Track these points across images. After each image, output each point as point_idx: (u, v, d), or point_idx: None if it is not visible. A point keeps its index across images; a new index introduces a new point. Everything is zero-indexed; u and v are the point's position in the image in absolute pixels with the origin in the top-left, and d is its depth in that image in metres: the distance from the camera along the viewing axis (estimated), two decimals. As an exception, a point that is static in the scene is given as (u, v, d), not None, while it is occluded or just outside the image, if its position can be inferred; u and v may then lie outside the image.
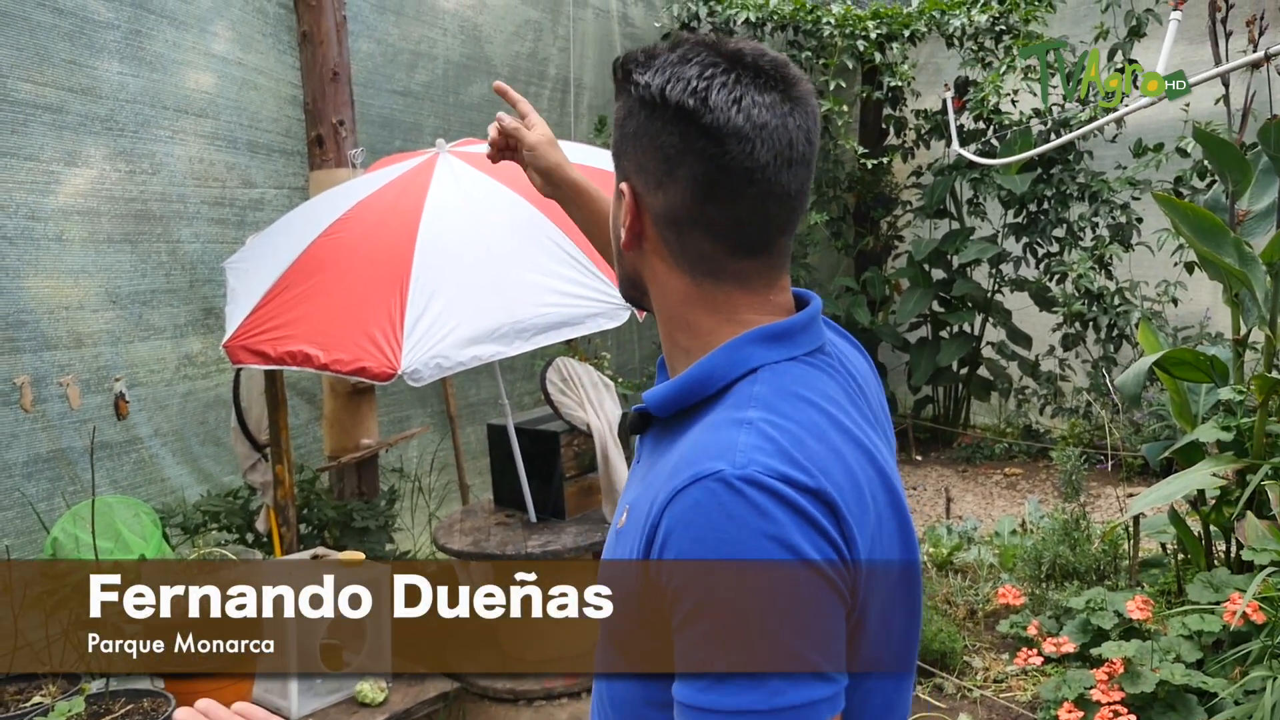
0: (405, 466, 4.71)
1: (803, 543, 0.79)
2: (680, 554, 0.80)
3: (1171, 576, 3.75)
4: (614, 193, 0.97)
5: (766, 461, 0.80)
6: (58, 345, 3.44)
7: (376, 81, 4.59)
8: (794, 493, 0.80)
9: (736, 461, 0.80)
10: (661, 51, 0.91)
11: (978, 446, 6.60)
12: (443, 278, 2.93)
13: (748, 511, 0.79)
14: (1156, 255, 5.89)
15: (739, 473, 0.80)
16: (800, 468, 0.81)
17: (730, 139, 0.87)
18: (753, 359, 0.90)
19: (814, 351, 0.94)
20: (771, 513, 0.79)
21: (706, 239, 0.91)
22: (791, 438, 0.83)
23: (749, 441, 0.82)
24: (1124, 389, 3.67)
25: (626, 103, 0.92)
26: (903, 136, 7.18)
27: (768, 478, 0.79)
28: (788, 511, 0.79)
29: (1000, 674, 3.55)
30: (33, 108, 3.31)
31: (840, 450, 0.86)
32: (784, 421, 0.84)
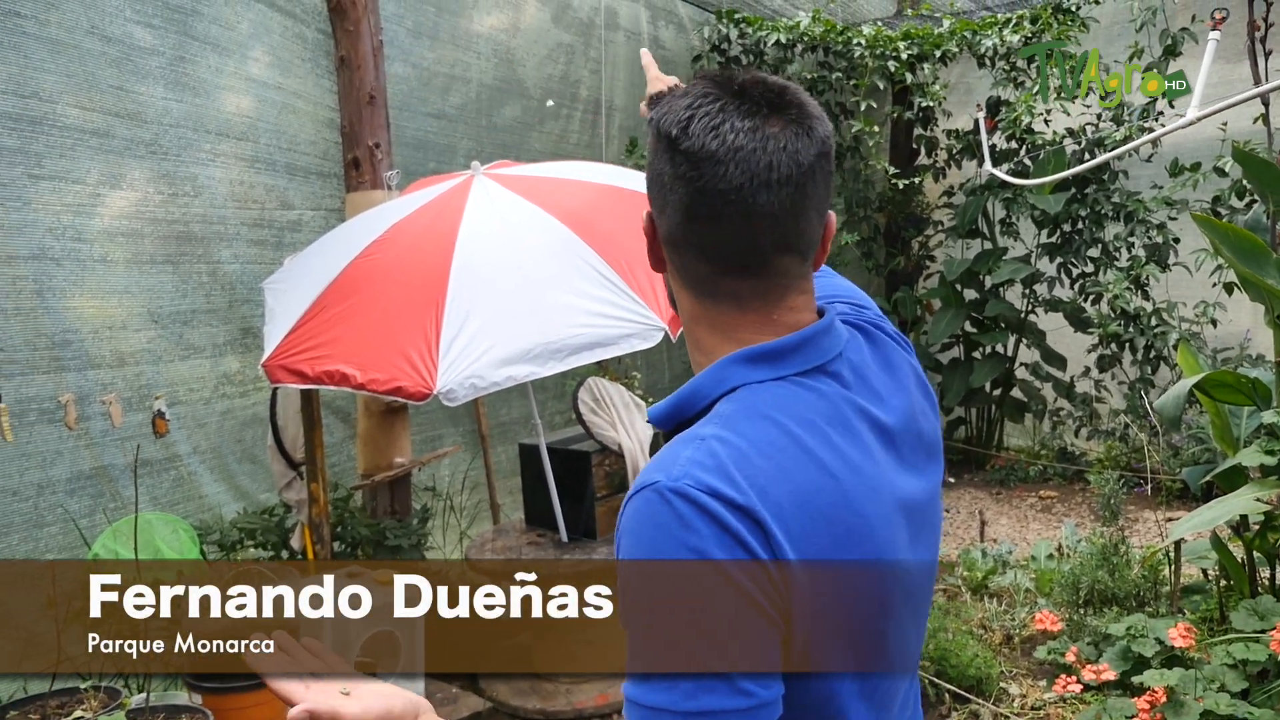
0: (437, 485, 4.74)
1: (720, 555, 0.84)
2: (621, 557, 0.87)
3: (1214, 603, 3.68)
4: None
5: (699, 475, 0.86)
6: (101, 364, 3.50)
7: (411, 104, 4.66)
8: (719, 506, 0.85)
9: (672, 474, 0.86)
10: (677, 90, 0.98)
11: (1011, 469, 6.52)
12: (477, 298, 2.95)
13: (672, 521, 0.85)
14: (1194, 275, 5.81)
15: (671, 485, 0.86)
16: (732, 484, 0.86)
17: (705, 163, 0.92)
18: (733, 379, 0.95)
19: (810, 371, 0.97)
20: (694, 524, 0.84)
21: (700, 260, 0.96)
22: (735, 454, 0.88)
23: (690, 456, 0.88)
24: (1163, 411, 3.62)
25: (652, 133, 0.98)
26: (934, 156, 7.16)
27: (696, 490, 0.85)
28: (710, 524, 0.84)
29: (1038, 701, 3.49)
30: (80, 132, 3.39)
31: (791, 469, 0.89)
32: (736, 439, 0.89)
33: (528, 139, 5.33)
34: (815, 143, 0.95)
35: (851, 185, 6.94)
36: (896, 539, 0.95)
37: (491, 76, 5.10)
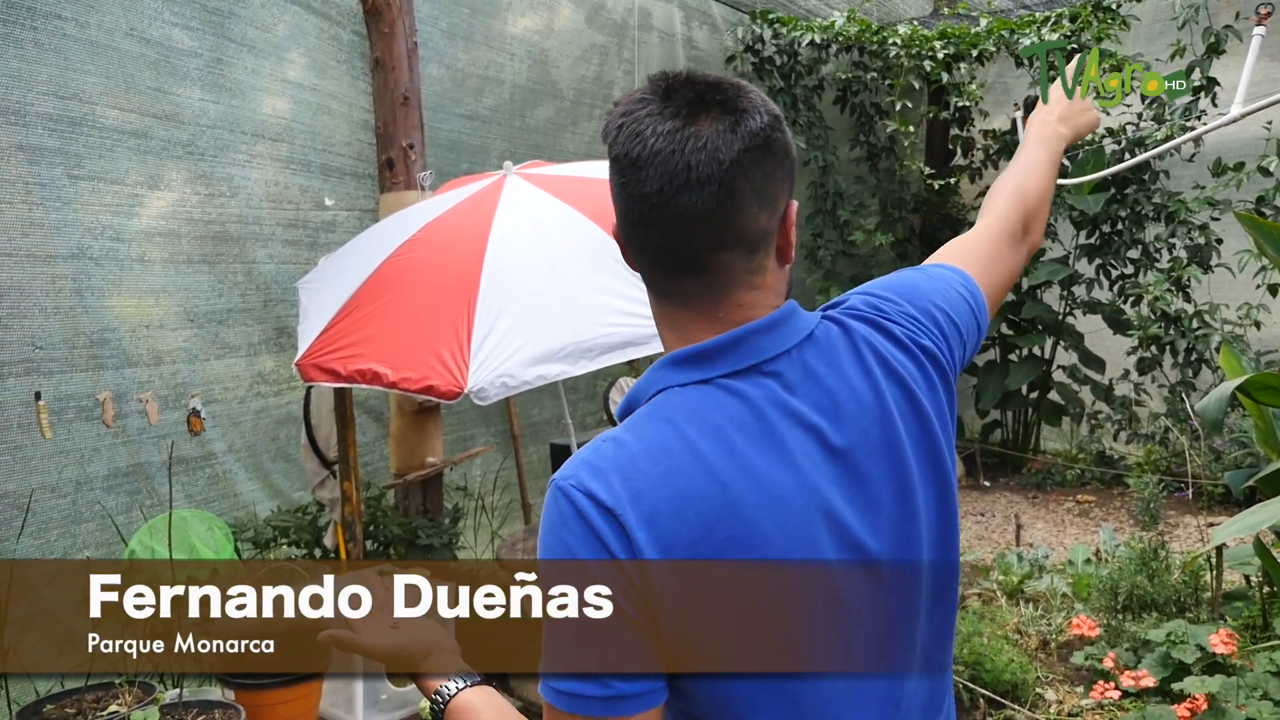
0: (469, 485, 4.76)
1: (580, 550, 0.91)
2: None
3: (1256, 610, 3.60)
4: None
5: (581, 476, 0.92)
6: (138, 362, 3.55)
7: (445, 106, 4.68)
8: (589, 505, 0.91)
9: (564, 473, 0.94)
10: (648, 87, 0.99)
11: (1048, 472, 6.42)
12: (509, 298, 2.96)
13: (556, 516, 0.92)
14: (1237, 277, 5.69)
15: (560, 482, 0.93)
16: (606, 486, 0.91)
17: (629, 169, 0.95)
18: (661, 381, 0.99)
19: (741, 372, 0.97)
20: (569, 522, 0.91)
21: (644, 261, 1.00)
22: (623, 457, 0.93)
23: (583, 456, 0.94)
24: (1205, 414, 3.54)
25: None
26: (970, 157, 7.08)
27: (575, 490, 0.91)
28: (580, 522, 0.91)
29: (1075, 708, 3.43)
30: (119, 133, 3.44)
31: (674, 475, 0.92)
32: (632, 441, 0.94)
33: (560, 140, 5.34)
34: (742, 136, 0.94)
35: (886, 186, 6.88)
36: (812, 542, 0.94)
37: (525, 78, 5.12)
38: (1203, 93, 5.72)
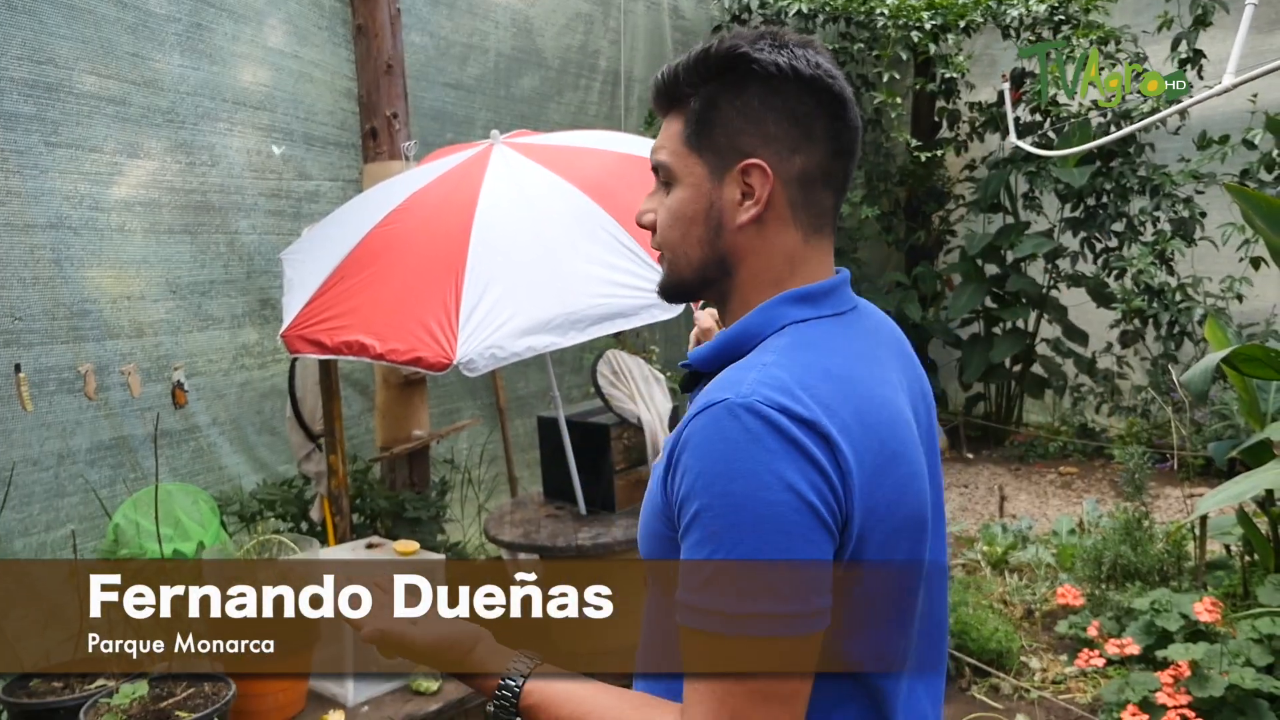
0: (456, 458, 4.74)
1: (788, 469, 0.88)
2: (686, 470, 0.91)
3: (1239, 579, 3.64)
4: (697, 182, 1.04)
5: (767, 393, 0.90)
6: (119, 334, 3.50)
7: (429, 74, 4.61)
8: (788, 422, 0.89)
9: (741, 392, 0.91)
10: (755, 37, 1.03)
11: (1031, 445, 6.47)
12: (497, 268, 2.93)
13: (740, 435, 0.89)
14: (1221, 250, 5.72)
15: (741, 401, 0.90)
16: (799, 401, 0.90)
17: (840, 103, 1.03)
18: (785, 317, 1.01)
19: (845, 312, 1.05)
20: (763, 438, 0.88)
21: (829, 193, 1.04)
22: (796, 377, 0.93)
23: (755, 378, 0.92)
24: (1190, 385, 3.56)
25: (737, 83, 1.01)
26: (956, 129, 7.06)
27: (765, 406, 0.89)
28: (778, 438, 0.89)
29: (1059, 675, 3.47)
30: (96, 100, 3.37)
31: (849, 394, 0.94)
32: (794, 365, 0.94)
33: (546, 110, 5.28)
34: None
35: (872, 158, 6.86)
36: (924, 475, 1.00)
37: (510, 46, 5.05)
38: (1189, 64, 5.72)
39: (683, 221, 1.05)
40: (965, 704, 3.36)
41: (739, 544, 0.87)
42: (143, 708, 2.22)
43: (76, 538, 3.16)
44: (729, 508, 0.88)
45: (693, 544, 0.90)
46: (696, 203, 1.04)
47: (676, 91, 1.05)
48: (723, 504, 0.88)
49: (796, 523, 0.88)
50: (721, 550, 0.88)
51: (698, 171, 1.03)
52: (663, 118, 1.08)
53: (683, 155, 1.04)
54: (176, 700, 2.25)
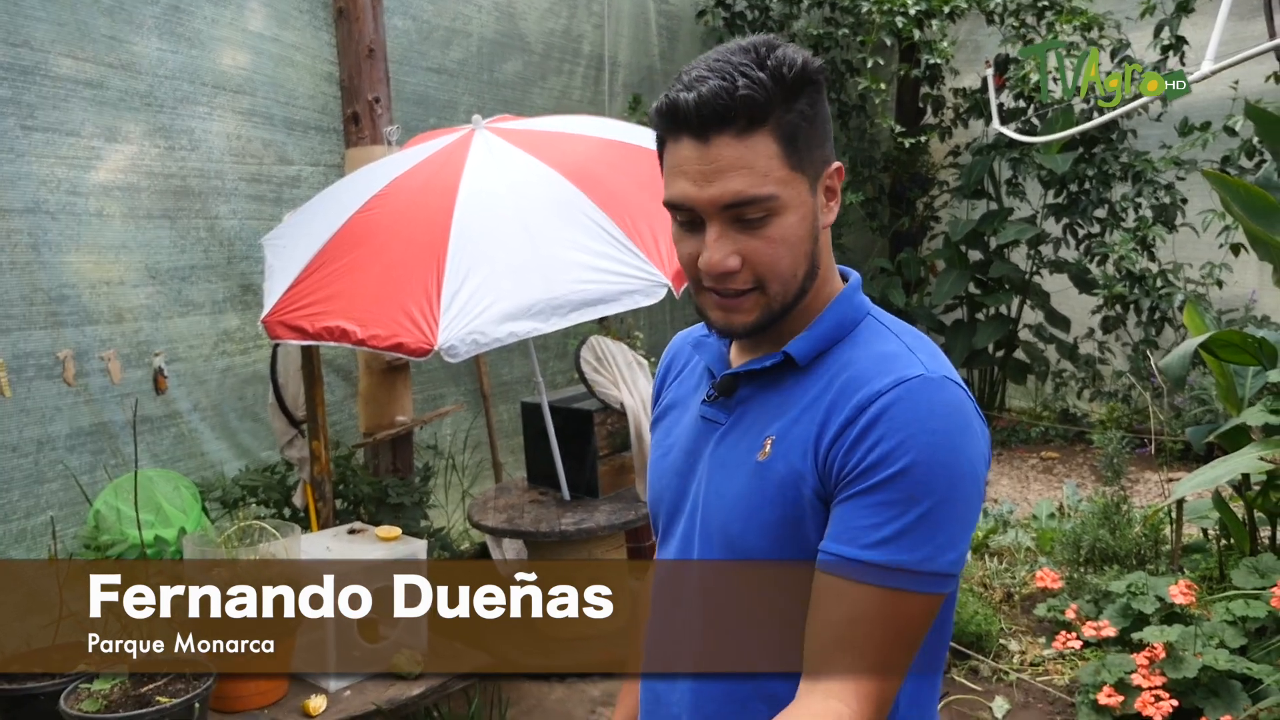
0: (439, 444, 4.73)
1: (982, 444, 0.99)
2: (890, 433, 0.95)
3: (1214, 562, 3.69)
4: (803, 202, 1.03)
5: (951, 374, 1.00)
6: (99, 320, 3.47)
7: (411, 59, 4.58)
8: (971, 403, 1.00)
9: (931, 369, 0.99)
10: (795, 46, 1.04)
11: (1013, 430, 6.52)
12: (479, 254, 2.92)
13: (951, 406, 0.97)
14: (1201, 237, 5.76)
15: (938, 377, 0.98)
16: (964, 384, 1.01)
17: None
18: (864, 306, 1.10)
19: None
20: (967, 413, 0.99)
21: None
22: (943, 362, 1.02)
23: (925, 361, 1.00)
24: (1169, 371, 3.60)
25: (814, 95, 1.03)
26: (940, 115, 7.07)
27: (957, 386, 0.99)
28: (974, 415, 1.00)
29: (1037, 657, 3.51)
30: (73, 83, 3.34)
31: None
32: (928, 351, 1.03)
33: (530, 95, 5.26)
34: None
35: (857, 144, 6.86)
36: None
37: (493, 30, 5.02)
38: (1171, 51, 5.74)
39: (796, 248, 1.02)
40: (945, 686, 3.40)
41: (944, 503, 0.94)
42: (123, 693, 2.22)
43: (57, 524, 3.14)
44: (943, 469, 0.94)
45: (881, 502, 0.94)
46: (805, 222, 1.03)
47: (771, 106, 0.98)
48: (937, 466, 0.94)
49: (979, 495, 0.99)
50: (921, 508, 0.93)
51: (803, 191, 1.02)
52: (734, 142, 0.99)
53: (789, 179, 1.00)
54: (157, 686, 2.25)
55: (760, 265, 1.01)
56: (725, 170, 0.98)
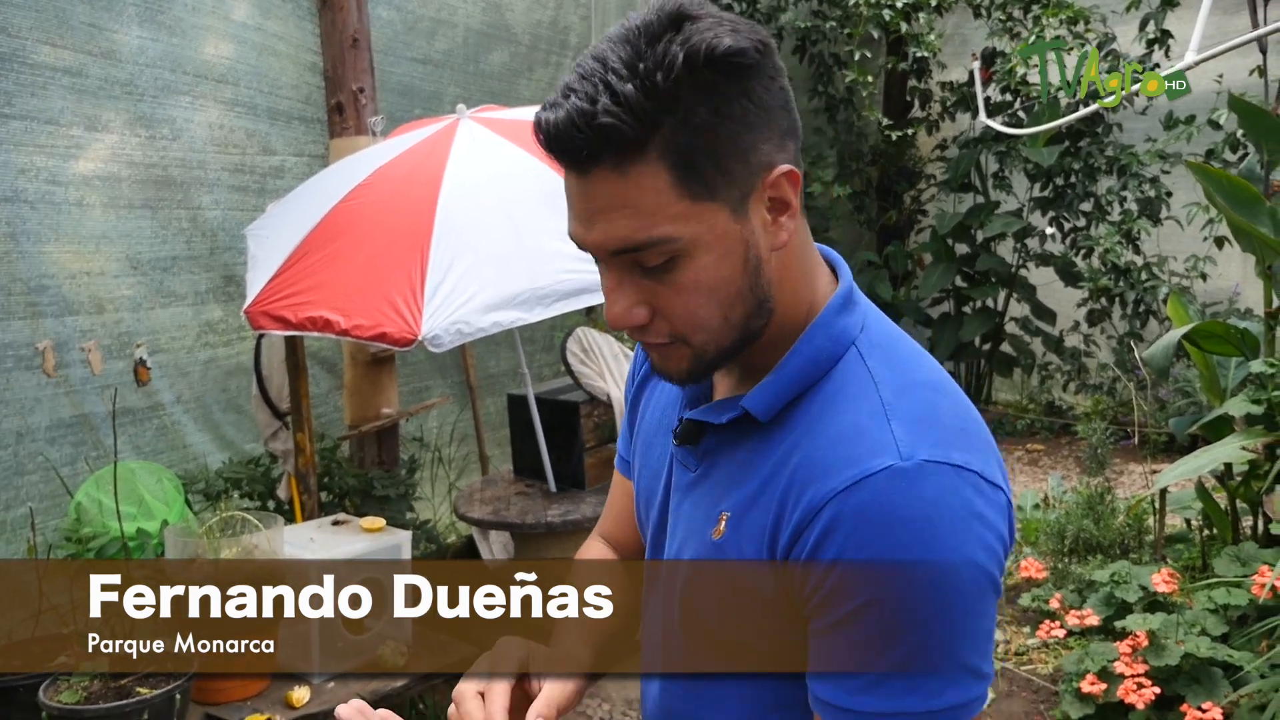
0: (425, 436, 4.72)
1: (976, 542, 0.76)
2: (844, 552, 0.75)
3: (1196, 552, 3.71)
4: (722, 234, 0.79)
5: (928, 450, 0.76)
6: (79, 310, 3.44)
7: (396, 49, 4.56)
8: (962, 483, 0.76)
9: (903, 452, 0.76)
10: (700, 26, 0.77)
11: (999, 422, 6.54)
12: (464, 243, 2.91)
13: (924, 507, 0.75)
14: (1186, 230, 5.79)
15: (909, 464, 0.75)
16: (958, 447, 0.78)
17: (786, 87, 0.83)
18: (848, 333, 0.85)
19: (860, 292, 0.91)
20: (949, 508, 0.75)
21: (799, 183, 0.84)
22: (933, 417, 0.79)
23: (902, 431, 0.77)
24: (1152, 362, 3.61)
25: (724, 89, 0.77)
26: (928, 109, 7.08)
27: (938, 466, 0.76)
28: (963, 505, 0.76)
29: (1021, 646, 3.52)
30: (52, 70, 3.30)
31: (962, 409, 0.83)
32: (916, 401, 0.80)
33: (516, 86, 5.23)
34: None
35: (844, 137, 6.86)
36: None
37: (478, 21, 4.99)
38: (1157, 45, 5.77)
39: (717, 292, 0.80)
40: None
41: (937, 633, 0.74)
42: (103, 684, 2.20)
43: (37, 516, 3.12)
44: (925, 592, 0.74)
45: (855, 641, 0.76)
46: (730, 260, 0.79)
47: (645, 131, 0.75)
48: (917, 590, 0.74)
49: (990, 596, 0.77)
50: (906, 644, 0.74)
51: (718, 222, 0.78)
52: (611, 178, 0.77)
53: (690, 213, 0.77)
54: (138, 677, 2.23)
55: (673, 318, 0.81)
56: (605, 210, 0.78)
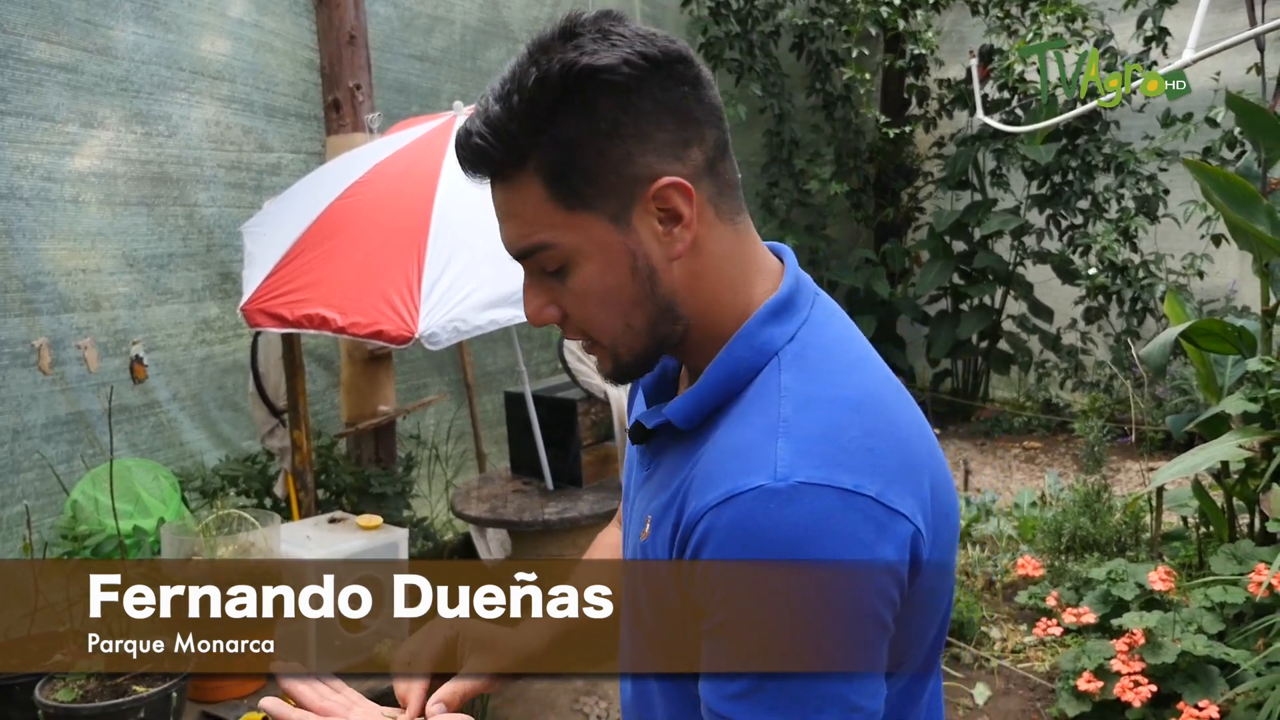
0: (422, 434, 4.71)
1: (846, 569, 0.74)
2: (709, 571, 0.76)
3: (1193, 549, 3.71)
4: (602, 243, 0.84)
5: (811, 469, 0.75)
6: (75, 308, 3.43)
7: (393, 46, 4.55)
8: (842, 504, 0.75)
9: (778, 472, 0.75)
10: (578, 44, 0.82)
11: (997, 420, 6.55)
12: (460, 241, 2.90)
13: (788, 530, 0.74)
14: (1183, 228, 5.80)
15: (782, 485, 0.75)
16: (849, 469, 0.76)
17: (692, 58, 0.85)
18: (773, 342, 0.85)
19: (816, 300, 0.90)
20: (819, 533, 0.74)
21: (728, 163, 0.88)
22: (835, 433, 0.78)
23: (789, 448, 0.77)
24: (1149, 360, 3.61)
25: (591, 105, 0.80)
26: (925, 106, 7.08)
27: (814, 488, 0.75)
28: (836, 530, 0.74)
29: (1018, 644, 3.53)
30: (48, 67, 3.29)
31: (889, 430, 0.80)
32: (823, 416, 0.79)
33: (512, 83, 5.22)
34: None
35: (842, 135, 6.86)
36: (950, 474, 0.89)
37: (476, 18, 4.98)
38: (1154, 42, 5.77)
39: (609, 298, 0.84)
40: (926, 673, 3.41)
41: (795, 666, 0.74)
42: (99, 683, 2.20)
43: (33, 514, 3.11)
44: (779, 621, 0.74)
45: (722, 652, 0.76)
46: (616, 268, 0.84)
47: (513, 151, 0.81)
48: (770, 620, 0.74)
49: (860, 634, 0.75)
50: (762, 670, 0.75)
51: (597, 231, 0.83)
52: (499, 188, 0.84)
53: (567, 223, 0.82)
54: (133, 675, 2.23)
55: (576, 319, 0.87)
56: (501, 217, 0.86)
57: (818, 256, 6.91)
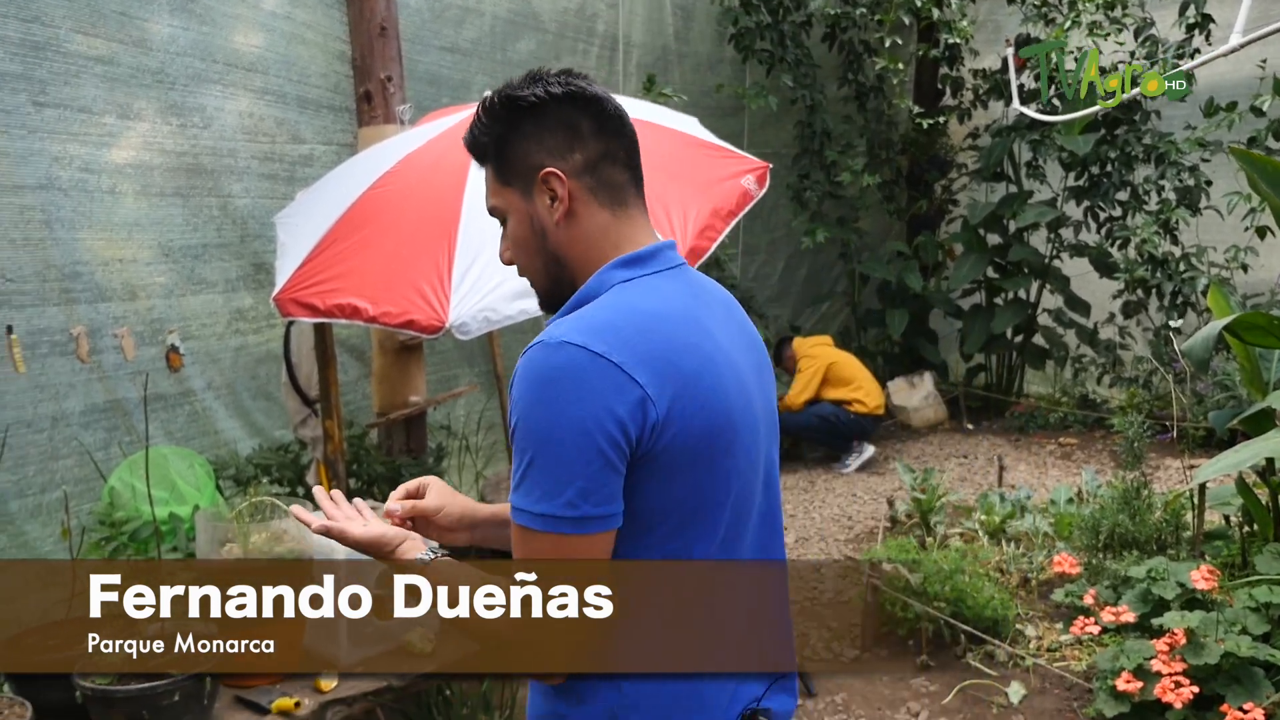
0: (453, 424, 4.73)
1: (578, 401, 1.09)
2: (512, 398, 1.14)
3: (1236, 549, 3.63)
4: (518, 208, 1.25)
5: (571, 335, 1.11)
6: (112, 297, 3.47)
7: (424, 38, 4.55)
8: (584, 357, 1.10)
9: (553, 335, 1.13)
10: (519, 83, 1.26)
11: (1031, 416, 6.45)
12: (490, 231, 2.89)
13: (545, 370, 1.11)
14: (1226, 220, 5.67)
15: (551, 341, 1.12)
16: (599, 338, 1.11)
17: (600, 98, 1.26)
18: (614, 279, 1.21)
19: (670, 268, 1.24)
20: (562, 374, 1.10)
21: (618, 169, 1.25)
22: (605, 320, 1.14)
23: (570, 324, 1.14)
24: (1192, 354, 3.53)
25: (514, 120, 1.23)
26: (959, 97, 6.98)
27: (569, 346, 1.11)
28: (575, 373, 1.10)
29: (1054, 643, 3.47)
30: (85, 59, 3.32)
31: (654, 328, 1.14)
32: (606, 311, 1.16)
33: (543, 75, 5.21)
34: None
35: (874, 126, 6.79)
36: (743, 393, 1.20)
37: (506, 9, 4.98)
38: (1197, 29, 5.64)
39: (522, 244, 1.26)
40: (960, 671, 3.36)
41: (540, 458, 1.10)
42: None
43: (71, 500, 3.15)
44: (531, 430, 1.10)
45: (518, 456, 1.13)
46: (525, 224, 1.25)
47: (481, 148, 1.26)
48: (527, 426, 1.11)
49: (582, 446, 1.09)
50: (525, 461, 1.11)
51: (515, 200, 1.25)
52: (485, 171, 1.29)
53: (502, 193, 1.25)
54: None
55: (515, 261, 1.28)
56: (485, 190, 1.31)
57: (849, 249, 6.84)
